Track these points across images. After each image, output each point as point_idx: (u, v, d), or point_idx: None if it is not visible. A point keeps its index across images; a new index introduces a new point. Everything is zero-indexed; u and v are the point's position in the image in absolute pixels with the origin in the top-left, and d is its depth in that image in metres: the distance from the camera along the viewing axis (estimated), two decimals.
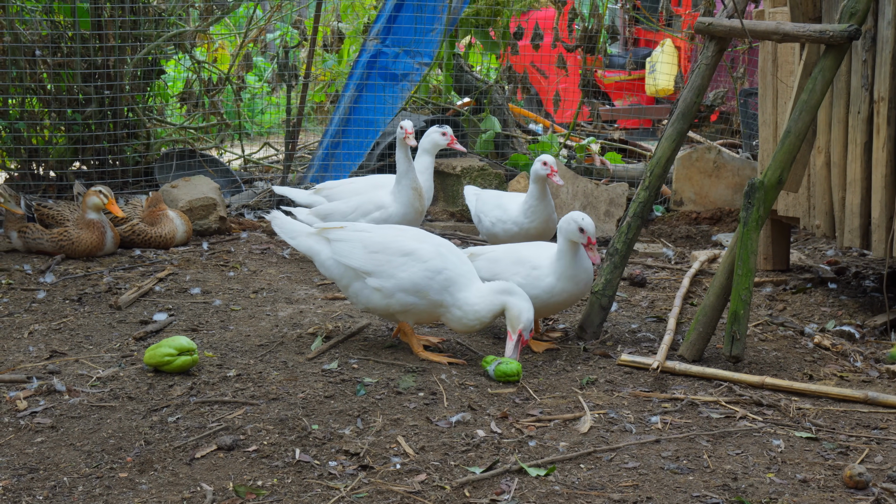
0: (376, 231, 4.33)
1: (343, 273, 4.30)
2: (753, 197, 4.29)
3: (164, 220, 6.23)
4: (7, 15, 6.78)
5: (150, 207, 6.25)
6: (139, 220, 6.21)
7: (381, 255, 4.22)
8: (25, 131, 6.91)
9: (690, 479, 3.27)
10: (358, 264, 4.24)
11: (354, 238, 4.29)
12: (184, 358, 4.08)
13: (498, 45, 8.67)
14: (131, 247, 6.19)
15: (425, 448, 3.47)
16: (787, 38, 4.50)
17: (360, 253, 4.25)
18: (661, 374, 4.15)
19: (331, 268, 4.33)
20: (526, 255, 4.50)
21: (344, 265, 4.28)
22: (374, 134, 7.67)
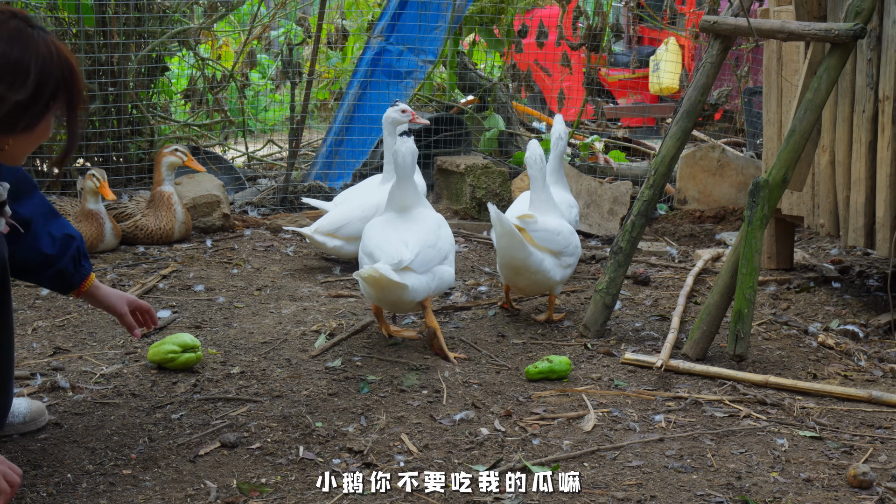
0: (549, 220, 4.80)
1: (545, 256, 4.68)
2: (758, 196, 4.28)
3: (169, 209, 6.19)
4: None
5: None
6: (142, 214, 6.19)
7: (561, 237, 4.74)
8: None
9: (694, 477, 3.27)
10: (557, 248, 4.73)
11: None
12: (188, 355, 4.09)
13: (502, 42, 8.67)
14: (134, 243, 6.18)
15: (429, 446, 3.47)
16: (792, 37, 4.50)
17: (555, 237, 4.73)
18: (664, 373, 4.15)
19: (533, 252, 4.63)
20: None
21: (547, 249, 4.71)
22: (378, 132, 7.66)
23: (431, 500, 3.10)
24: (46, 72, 2.71)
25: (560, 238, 4.74)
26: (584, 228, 6.96)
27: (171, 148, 6.24)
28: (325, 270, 5.69)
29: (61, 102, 2.79)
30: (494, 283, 5.55)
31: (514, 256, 4.62)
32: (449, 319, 4.87)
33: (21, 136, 2.78)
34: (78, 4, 6.86)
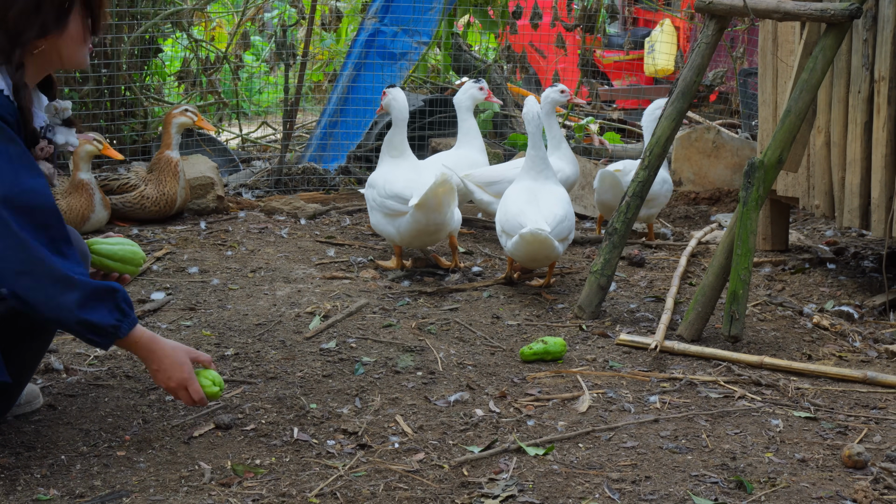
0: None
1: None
2: (753, 177, 4.28)
3: (174, 176, 6.11)
4: None
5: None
6: (144, 184, 6.10)
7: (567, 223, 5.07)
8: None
9: (689, 458, 3.27)
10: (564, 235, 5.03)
11: None
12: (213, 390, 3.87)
13: (497, 24, 8.65)
14: (132, 219, 6.13)
15: (424, 427, 3.47)
16: (787, 17, 4.48)
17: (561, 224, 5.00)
18: (659, 354, 4.15)
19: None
20: None
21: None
22: (373, 113, 7.65)
23: (426, 480, 3.09)
24: None
25: (566, 224, 4.99)
26: (579, 210, 6.95)
27: (182, 108, 6.13)
28: (320, 252, 5.67)
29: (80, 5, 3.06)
30: (491, 264, 5.54)
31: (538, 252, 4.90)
32: (444, 301, 4.87)
33: (54, 40, 3.03)
34: None
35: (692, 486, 3.08)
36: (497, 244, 5.99)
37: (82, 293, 2.95)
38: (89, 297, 2.96)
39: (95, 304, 2.98)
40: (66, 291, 2.93)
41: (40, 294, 2.92)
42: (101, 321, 2.99)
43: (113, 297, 3.02)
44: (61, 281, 2.92)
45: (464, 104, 6.31)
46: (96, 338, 3.02)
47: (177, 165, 6.12)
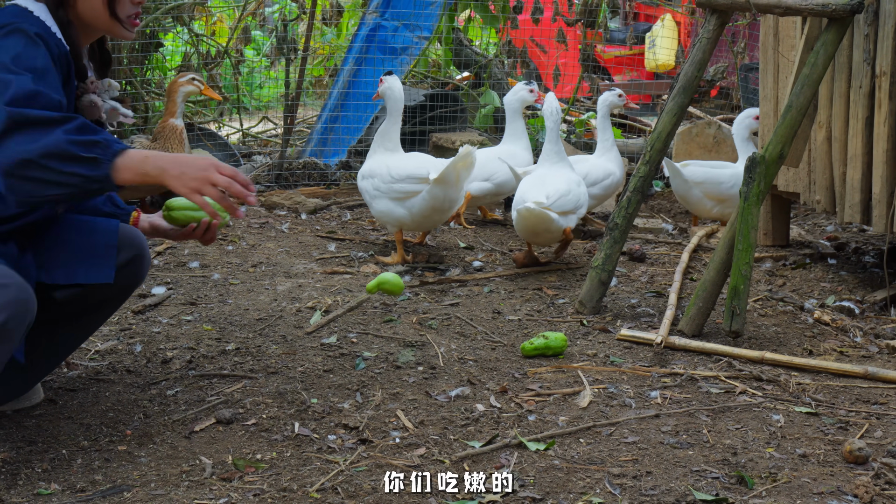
0: None
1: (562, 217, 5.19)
2: (754, 172, 4.27)
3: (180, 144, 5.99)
4: None
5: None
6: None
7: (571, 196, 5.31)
8: None
9: (690, 453, 3.27)
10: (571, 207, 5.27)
11: None
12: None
13: (497, 19, 8.64)
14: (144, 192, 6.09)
15: (424, 422, 3.47)
16: (789, 12, 4.47)
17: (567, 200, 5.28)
18: (661, 350, 4.15)
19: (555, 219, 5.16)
20: None
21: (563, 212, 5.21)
22: (374, 108, 7.64)
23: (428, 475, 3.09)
24: None
25: (570, 198, 5.24)
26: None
27: (188, 76, 6.08)
28: (321, 247, 5.68)
29: None
30: (492, 259, 5.54)
31: (536, 225, 5.13)
32: (444, 295, 4.87)
33: None
34: None
35: (693, 481, 3.08)
36: (497, 239, 6.00)
37: (71, 125, 2.84)
38: (79, 126, 2.84)
39: (85, 131, 2.85)
40: (52, 127, 2.82)
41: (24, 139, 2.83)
42: (93, 136, 2.85)
43: (99, 130, 2.90)
44: (46, 121, 2.83)
45: (512, 105, 6.39)
46: (93, 152, 2.84)
47: (182, 133, 6.05)
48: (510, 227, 6.30)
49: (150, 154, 2.91)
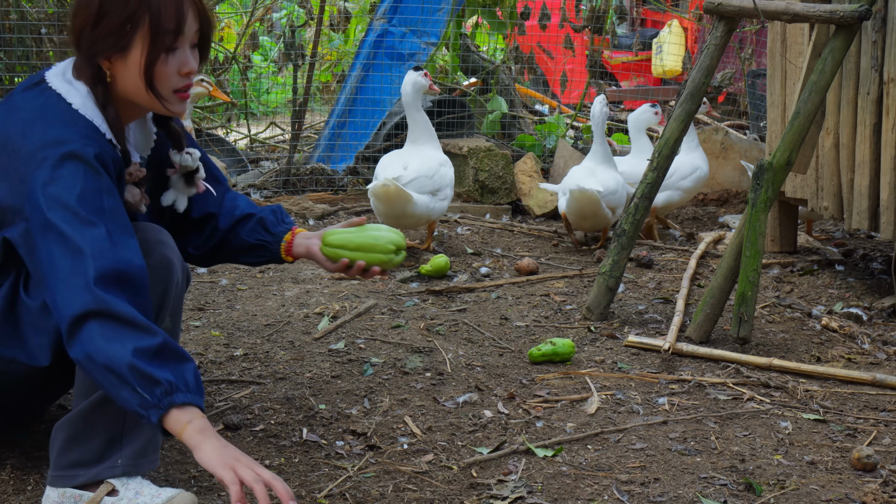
0: None
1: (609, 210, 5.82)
2: (762, 178, 4.27)
3: None
4: None
5: None
6: None
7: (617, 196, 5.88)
8: None
9: (698, 460, 3.27)
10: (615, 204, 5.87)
11: None
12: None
13: (505, 25, 8.64)
14: None
15: (432, 428, 3.47)
16: (797, 19, 4.48)
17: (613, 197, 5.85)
18: (668, 356, 4.15)
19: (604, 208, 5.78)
20: None
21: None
22: (381, 114, 7.65)
23: (435, 481, 3.10)
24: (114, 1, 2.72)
25: (618, 195, 5.81)
26: None
27: (197, 77, 6.06)
28: None
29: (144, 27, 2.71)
30: (499, 265, 5.54)
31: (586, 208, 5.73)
32: (452, 301, 4.87)
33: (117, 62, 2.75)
34: None
35: (701, 487, 3.08)
36: (505, 246, 6.00)
37: (147, 343, 2.50)
38: (154, 351, 2.49)
39: (158, 360, 2.50)
40: (129, 333, 2.50)
41: (98, 334, 2.50)
42: (157, 374, 2.47)
43: (181, 364, 2.53)
44: (127, 322, 2.51)
45: (636, 124, 6.49)
46: (148, 394, 2.47)
47: (191, 132, 6.06)
48: (517, 234, 6.31)
49: (200, 425, 2.51)
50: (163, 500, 2.78)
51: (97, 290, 2.49)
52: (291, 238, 3.27)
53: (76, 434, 2.78)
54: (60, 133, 2.65)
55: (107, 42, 2.72)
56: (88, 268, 2.51)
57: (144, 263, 2.62)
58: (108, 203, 2.63)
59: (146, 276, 2.62)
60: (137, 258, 2.61)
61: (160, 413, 2.48)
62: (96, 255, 2.53)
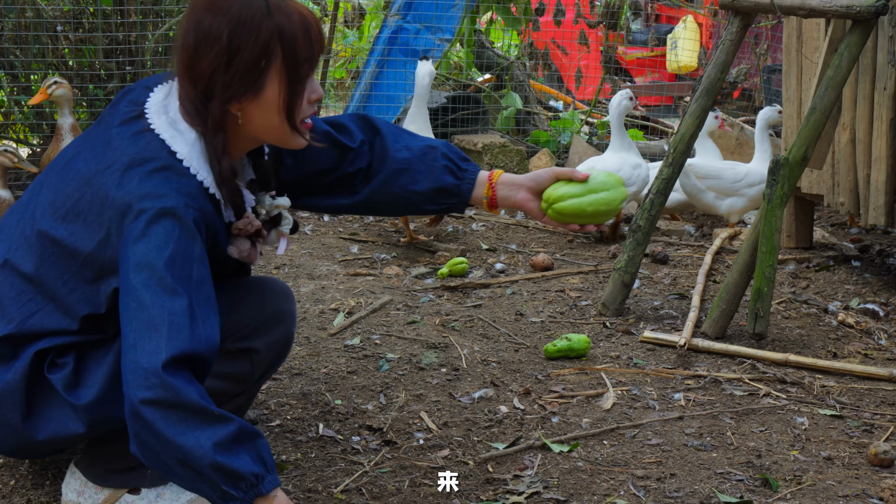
0: None
1: None
2: (778, 174, 4.26)
3: None
4: None
5: None
6: None
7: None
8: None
9: (714, 455, 3.27)
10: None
11: None
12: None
13: (519, 21, 8.64)
14: None
15: (448, 424, 3.47)
16: (813, 14, 4.46)
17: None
18: (684, 352, 4.15)
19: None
20: None
21: None
22: (396, 110, 7.65)
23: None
24: (243, 34, 2.45)
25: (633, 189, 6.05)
26: None
27: (52, 80, 6.04)
28: (343, 249, 5.69)
29: (278, 59, 2.48)
30: (514, 261, 5.54)
31: None
32: (467, 297, 4.87)
33: (250, 103, 2.51)
34: None
35: (717, 483, 3.08)
36: (520, 242, 6.00)
37: (224, 433, 2.34)
38: (232, 440, 2.34)
39: (236, 448, 2.35)
40: (202, 425, 2.33)
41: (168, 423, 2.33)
42: (243, 468, 2.33)
43: (255, 443, 2.39)
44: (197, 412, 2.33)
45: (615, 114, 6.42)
46: (233, 490, 2.33)
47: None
48: (532, 230, 6.30)
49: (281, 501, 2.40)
50: (184, 502, 2.79)
51: (166, 375, 2.29)
52: (493, 192, 2.94)
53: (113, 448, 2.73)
54: (160, 187, 2.43)
55: (243, 84, 2.48)
56: (161, 348, 2.32)
57: (218, 341, 2.44)
58: (198, 272, 2.42)
59: (216, 354, 2.44)
60: (215, 336, 2.42)
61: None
62: (172, 334, 2.33)
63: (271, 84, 2.49)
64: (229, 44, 2.44)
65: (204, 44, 2.46)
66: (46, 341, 2.56)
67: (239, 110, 2.52)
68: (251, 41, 2.44)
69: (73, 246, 2.51)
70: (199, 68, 2.47)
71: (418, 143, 2.96)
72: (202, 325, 2.38)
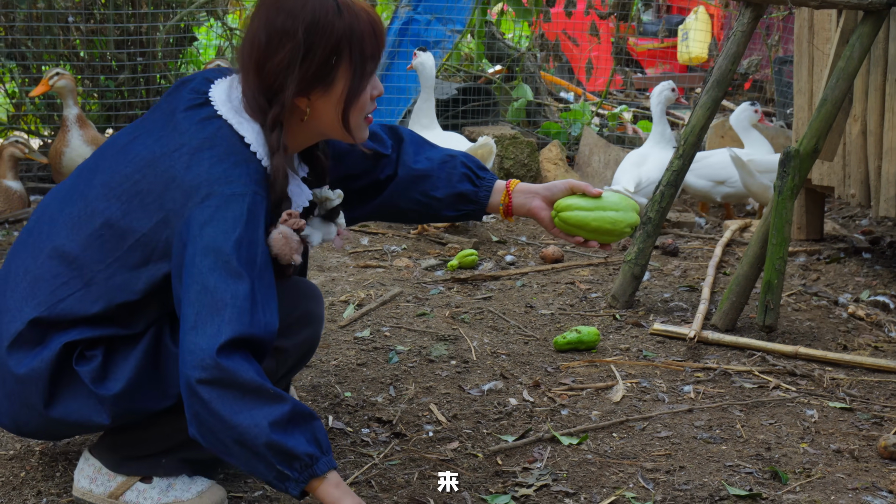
0: None
1: None
2: (788, 165, 4.25)
3: None
4: None
5: None
6: None
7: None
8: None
9: (723, 448, 3.26)
10: None
11: None
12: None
13: (530, 12, 8.62)
14: None
15: (458, 416, 3.48)
16: (824, 5, 4.45)
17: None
18: (694, 344, 4.14)
19: None
20: None
21: None
22: (406, 101, 7.65)
23: (461, 469, 3.11)
24: (318, 31, 2.54)
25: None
26: None
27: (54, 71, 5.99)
28: (353, 241, 5.70)
29: (348, 56, 2.58)
30: (524, 253, 5.54)
31: None
32: (477, 290, 4.88)
33: (320, 98, 2.61)
34: None
35: (726, 475, 3.08)
36: (530, 234, 6.00)
37: (280, 413, 2.39)
38: (287, 420, 2.39)
39: (291, 428, 2.41)
40: (258, 404, 2.38)
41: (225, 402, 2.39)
42: (297, 448, 2.39)
43: (310, 424, 2.45)
44: (254, 391, 2.39)
45: (740, 124, 6.50)
46: (287, 470, 2.39)
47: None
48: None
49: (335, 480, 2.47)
50: (194, 494, 2.80)
51: (222, 356, 2.35)
52: (509, 199, 3.03)
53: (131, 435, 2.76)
54: (231, 172, 2.50)
55: (315, 78, 2.57)
56: (221, 331, 2.37)
57: (277, 327, 2.49)
58: (262, 258, 2.48)
59: (274, 339, 2.50)
60: (274, 321, 2.48)
61: (301, 486, 2.42)
62: (233, 317, 2.38)
63: (340, 79, 2.59)
64: (304, 41, 2.53)
65: (276, 41, 2.54)
66: (76, 333, 2.59)
67: (308, 105, 2.61)
68: (324, 39, 2.54)
69: (127, 226, 2.55)
70: (271, 64, 2.55)
71: (438, 154, 3.05)
72: (262, 309, 2.43)
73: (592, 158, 7.31)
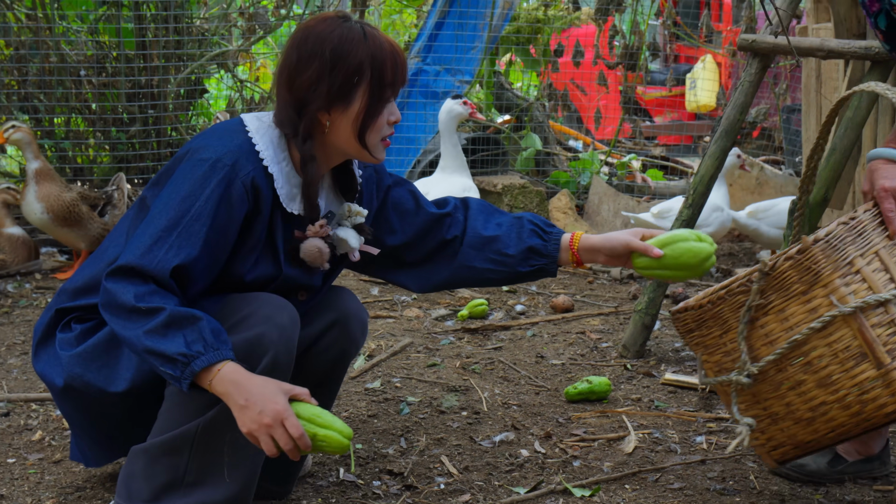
0: None
1: None
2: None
3: None
4: (53, 36, 6.86)
5: None
6: None
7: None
8: (71, 150, 6.98)
9: (737, 500, 3.24)
10: None
11: None
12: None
13: (538, 62, 8.67)
14: None
15: (469, 468, 3.47)
16: (831, 55, 4.47)
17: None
18: (706, 394, 4.13)
19: None
20: None
21: None
22: (416, 152, 7.68)
23: None
24: (342, 53, 2.80)
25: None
26: None
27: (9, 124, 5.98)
28: (363, 291, 5.70)
29: (367, 79, 2.82)
30: (534, 302, 5.54)
31: None
32: (487, 340, 4.87)
33: (340, 114, 2.85)
34: (118, 28, 6.93)
35: None
36: (540, 283, 6.00)
37: (154, 321, 2.61)
38: (164, 325, 2.60)
39: (171, 332, 2.61)
40: (133, 319, 2.63)
41: (114, 320, 2.68)
42: (170, 349, 2.60)
43: (193, 325, 2.63)
44: (130, 310, 2.63)
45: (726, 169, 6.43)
46: (169, 369, 2.61)
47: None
48: None
49: (231, 375, 2.63)
50: None
51: (108, 280, 2.68)
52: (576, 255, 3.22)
53: (140, 467, 2.84)
54: (211, 141, 2.83)
55: (337, 95, 2.81)
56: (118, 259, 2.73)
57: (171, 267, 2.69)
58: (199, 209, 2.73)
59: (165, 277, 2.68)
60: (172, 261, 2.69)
61: (187, 383, 2.62)
62: (132, 249, 2.71)
63: (358, 99, 2.83)
64: (329, 60, 2.79)
65: (306, 60, 2.81)
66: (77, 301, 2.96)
67: (328, 120, 2.84)
68: (348, 59, 2.79)
69: (148, 201, 2.91)
70: (300, 80, 2.81)
71: (507, 218, 3.22)
72: (166, 250, 2.69)
73: (602, 207, 7.32)
